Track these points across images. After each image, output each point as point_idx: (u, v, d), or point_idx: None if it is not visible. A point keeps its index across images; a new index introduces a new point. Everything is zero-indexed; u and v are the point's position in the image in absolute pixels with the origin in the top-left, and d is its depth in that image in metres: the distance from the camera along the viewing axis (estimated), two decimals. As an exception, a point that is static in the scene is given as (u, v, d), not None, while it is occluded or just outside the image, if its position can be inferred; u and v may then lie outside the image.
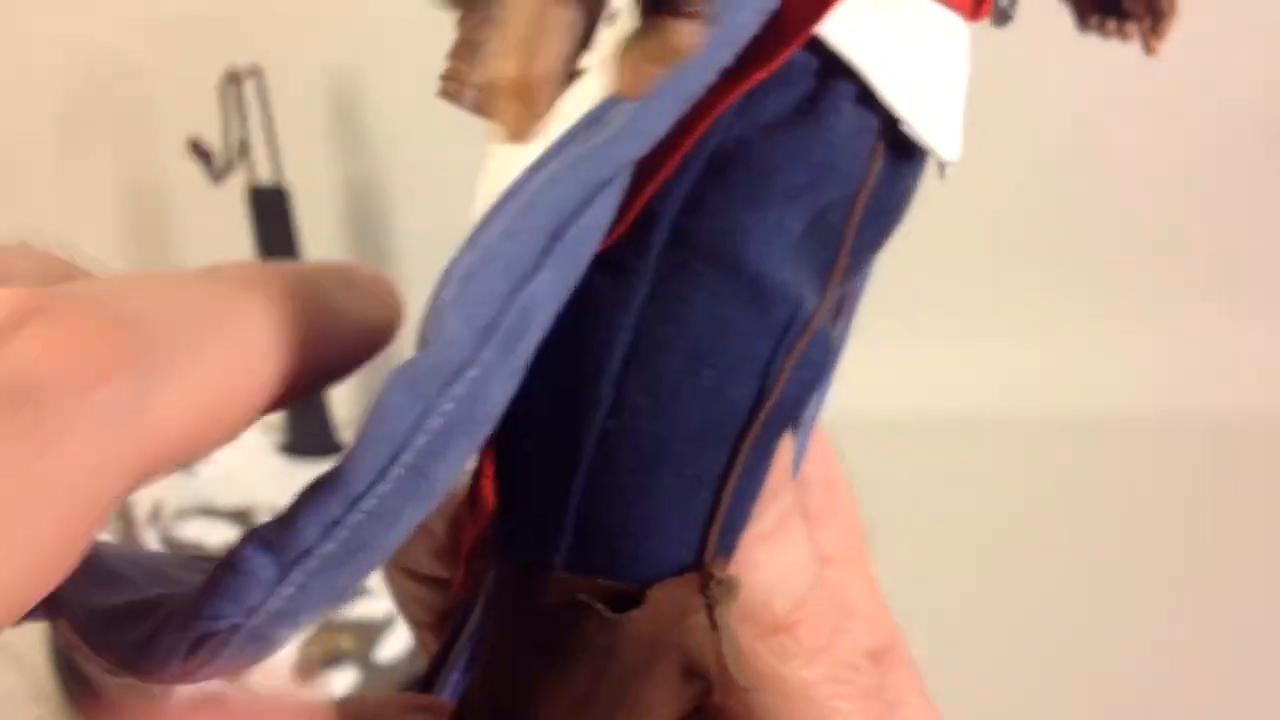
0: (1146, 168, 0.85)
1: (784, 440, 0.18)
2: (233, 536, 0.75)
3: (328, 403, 0.80)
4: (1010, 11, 0.20)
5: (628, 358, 0.17)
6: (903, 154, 0.18)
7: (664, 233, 0.17)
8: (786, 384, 0.17)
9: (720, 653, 0.17)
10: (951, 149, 0.19)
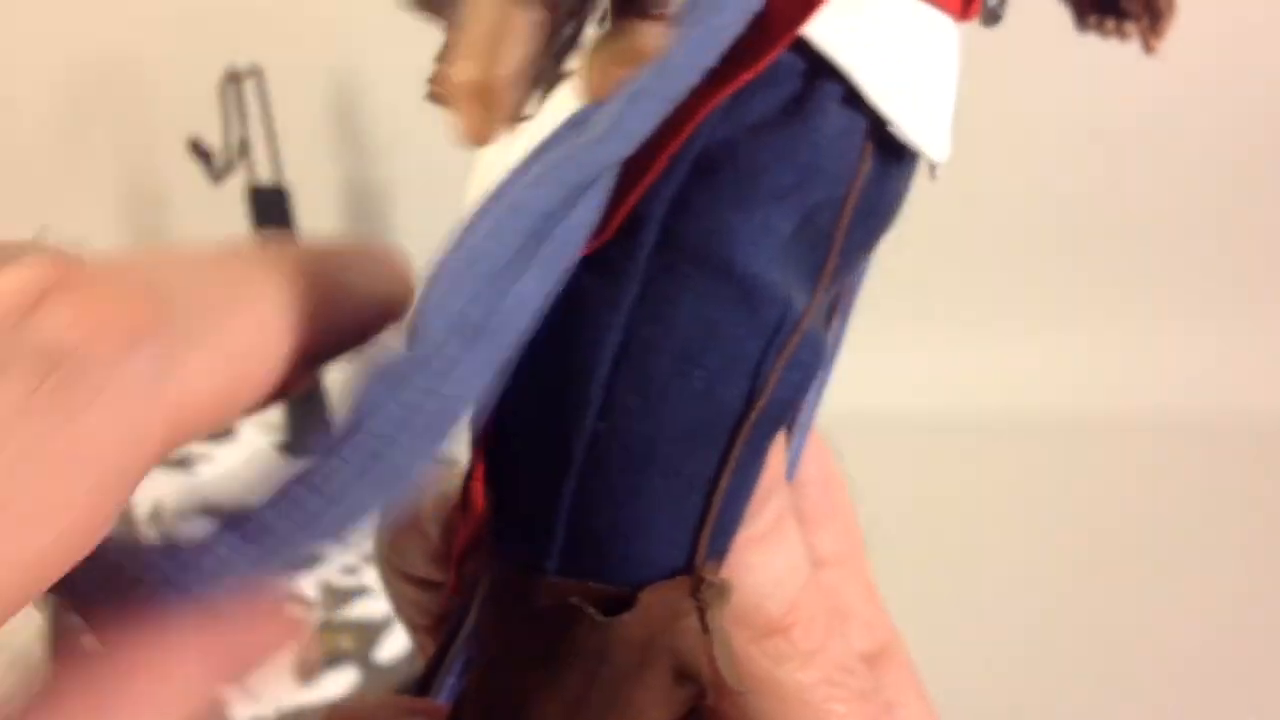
0: (1146, 168, 0.84)
1: (776, 442, 0.18)
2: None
3: (327, 404, 0.80)
4: (1000, 11, 0.20)
5: (617, 359, 0.17)
6: (892, 154, 0.18)
7: (652, 234, 0.17)
8: (777, 385, 0.17)
9: (712, 656, 0.17)
10: (940, 149, 0.19)
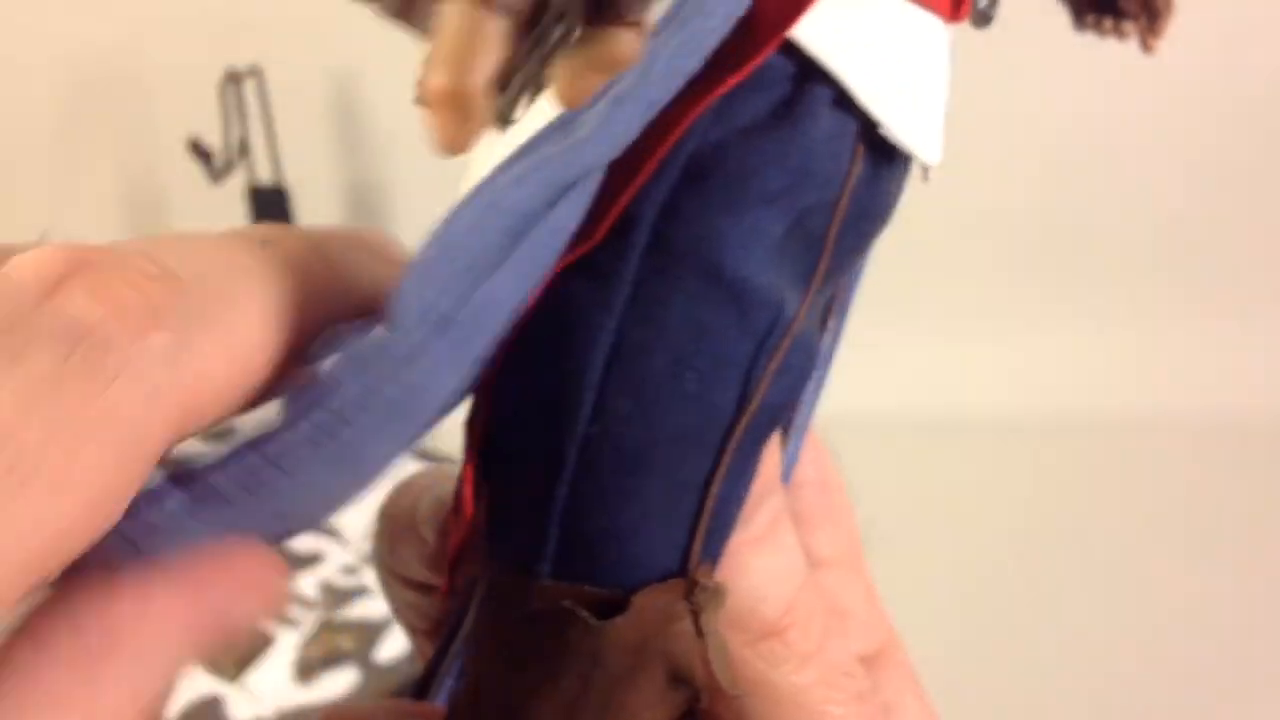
0: (1146, 168, 0.84)
1: (770, 444, 0.18)
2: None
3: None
4: (990, 13, 0.20)
5: (609, 362, 0.17)
6: (884, 157, 0.18)
7: (643, 237, 0.17)
8: (769, 388, 0.17)
9: (706, 659, 0.17)
10: (932, 151, 0.19)
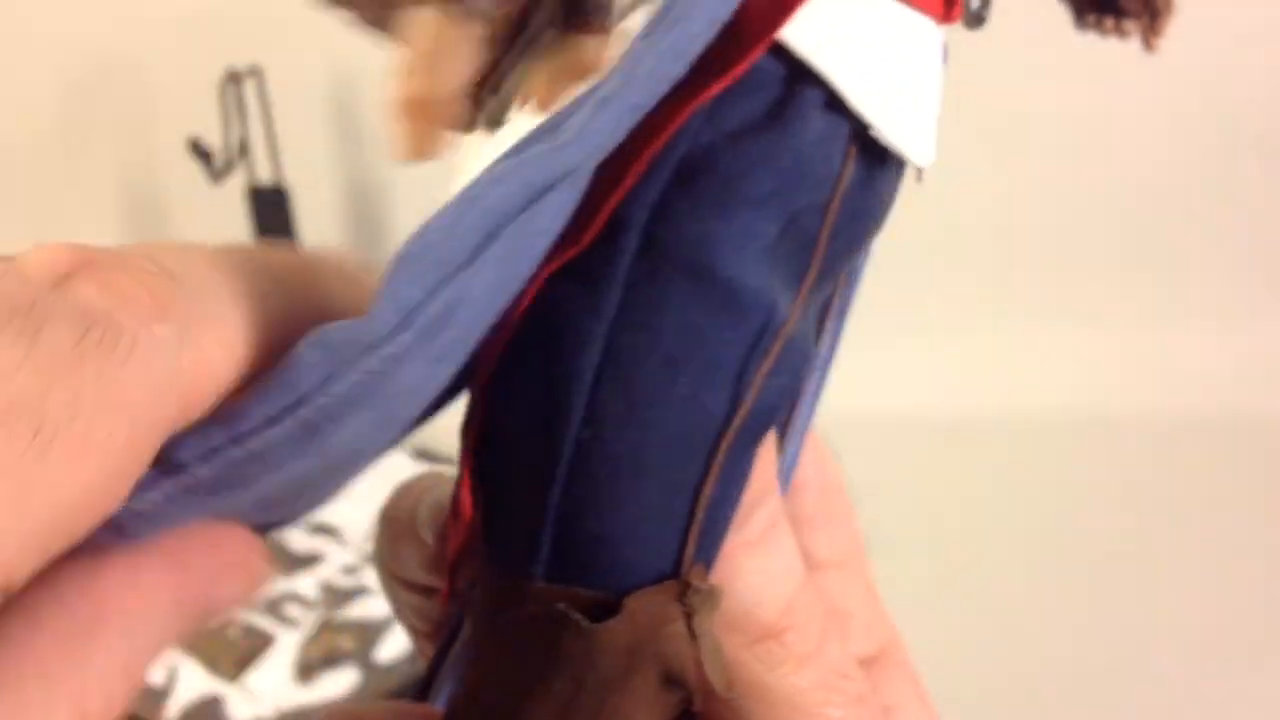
0: (1145, 168, 0.84)
1: (765, 447, 0.18)
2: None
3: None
4: (983, 14, 0.20)
5: (601, 365, 0.17)
6: (876, 158, 0.18)
7: (634, 240, 0.17)
8: (761, 391, 0.17)
9: (699, 661, 0.17)
10: (924, 153, 0.19)
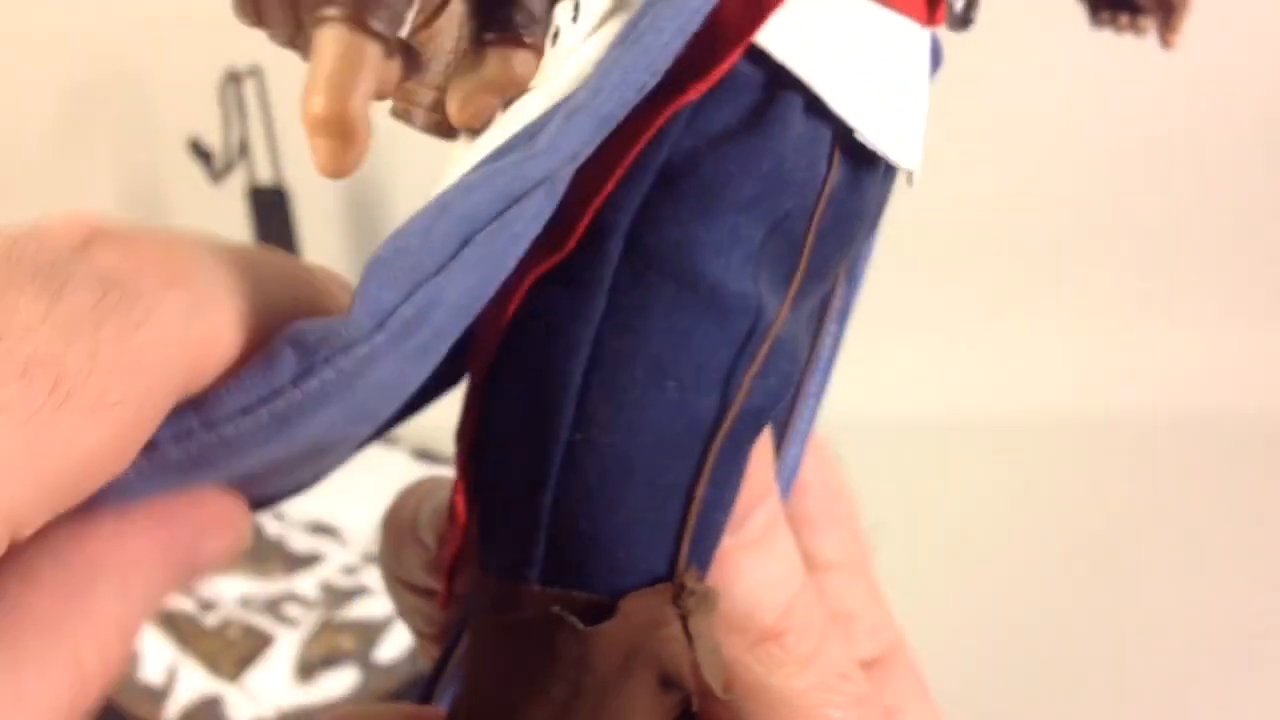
0: (1147, 168, 0.84)
1: (759, 448, 0.18)
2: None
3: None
4: (969, 16, 0.20)
5: (589, 370, 0.17)
6: (864, 161, 0.18)
7: (618, 245, 0.17)
8: (750, 393, 0.17)
9: (695, 663, 0.17)
10: (909, 155, 0.19)
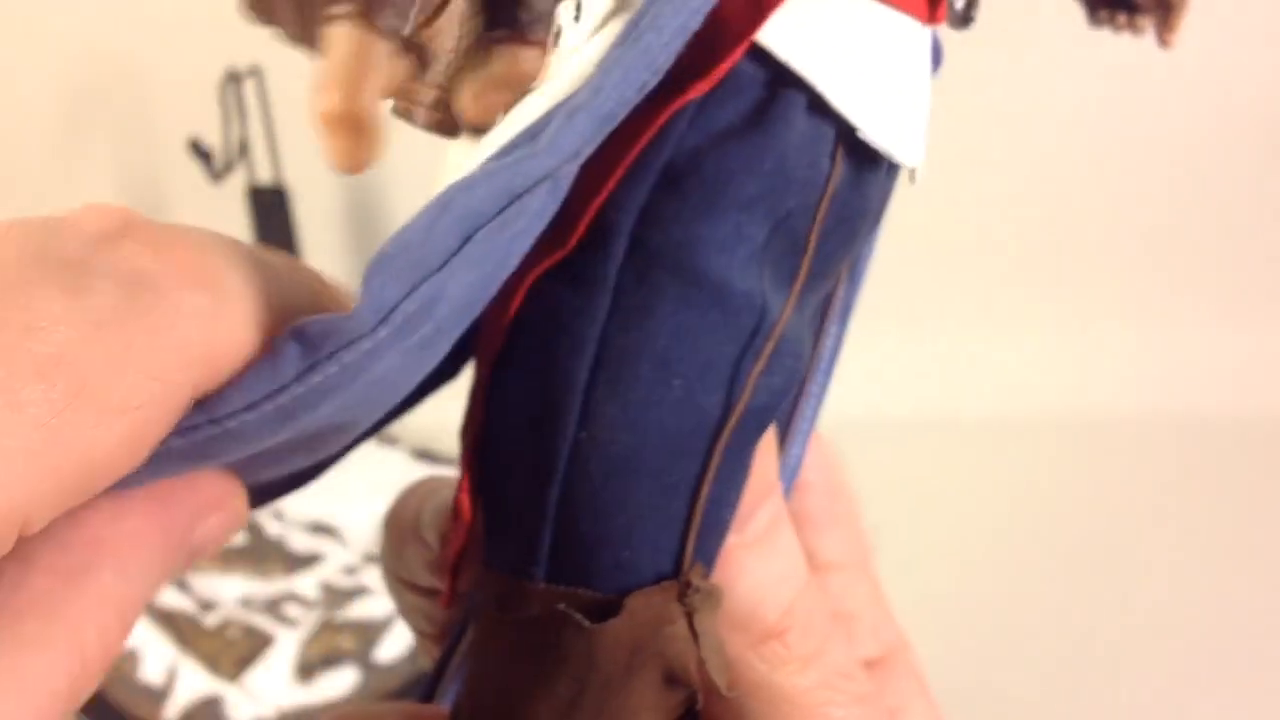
0: (1146, 168, 0.84)
1: (764, 447, 0.18)
2: (235, 537, 0.75)
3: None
4: (970, 14, 0.20)
5: (594, 368, 0.17)
6: (867, 159, 0.18)
7: (623, 244, 0.17)
8: (755, 391, 0.17)
9: (700, 660, 0.17)
10: (912, 154, 0.19)
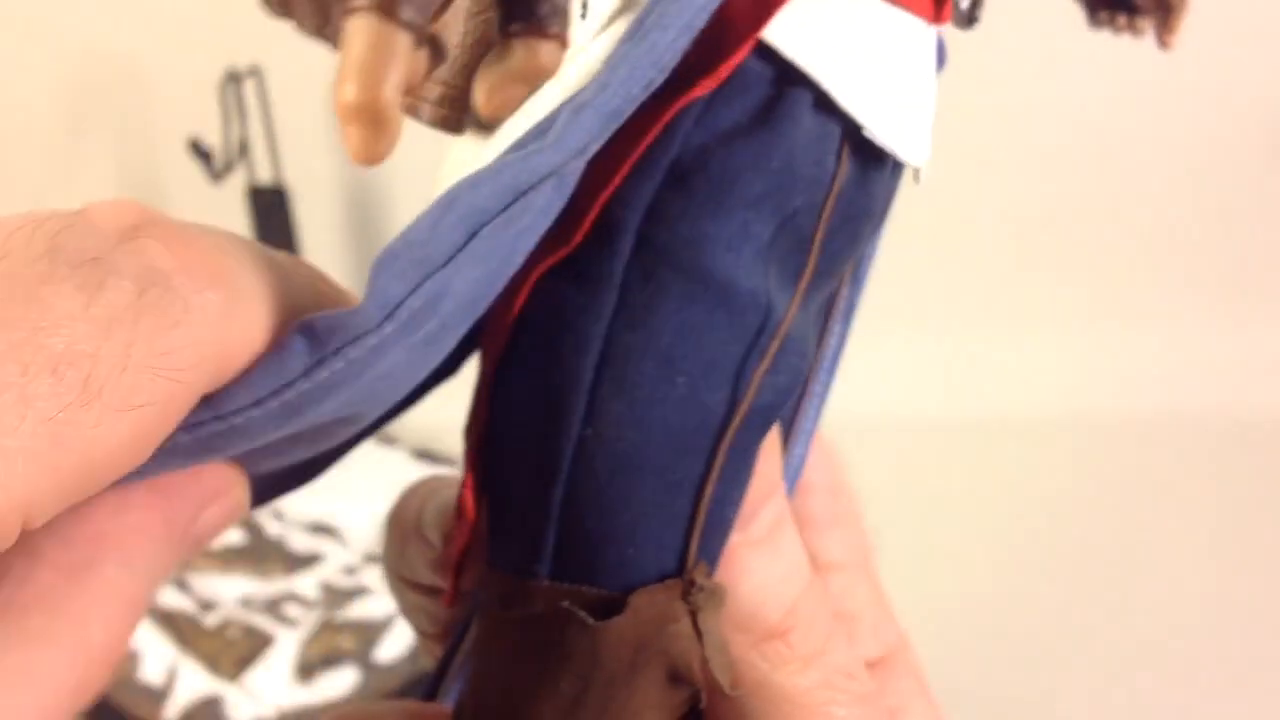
0: (1148, 169, 0.85)
1: (768, 446, 0.18)
2: (235, 537, 0.75)
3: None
4: (975, 14, 0.20)
5: (599, 366, 0.17)
6: (872, 158, 0.18)
7: (629, 241, 0.17)
8: (760, 390, 0.17)
9: (704, 658, 0.17)
10: (918, 153, 0.19)
